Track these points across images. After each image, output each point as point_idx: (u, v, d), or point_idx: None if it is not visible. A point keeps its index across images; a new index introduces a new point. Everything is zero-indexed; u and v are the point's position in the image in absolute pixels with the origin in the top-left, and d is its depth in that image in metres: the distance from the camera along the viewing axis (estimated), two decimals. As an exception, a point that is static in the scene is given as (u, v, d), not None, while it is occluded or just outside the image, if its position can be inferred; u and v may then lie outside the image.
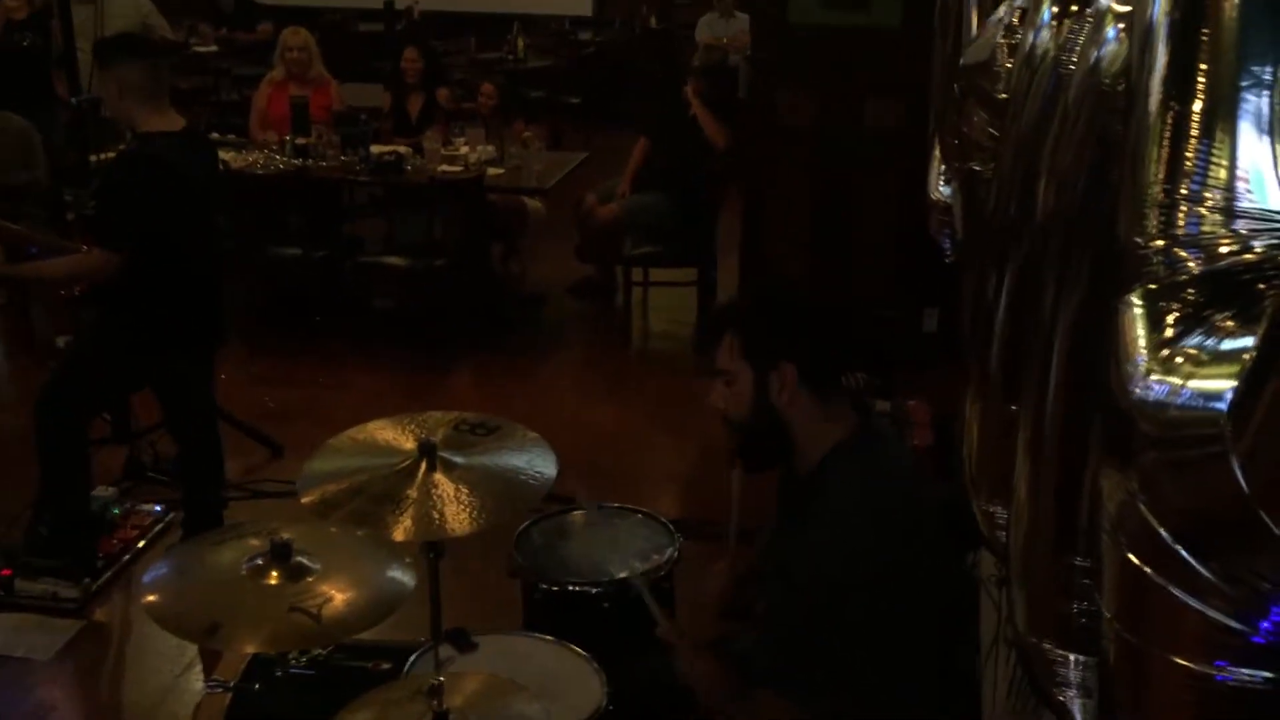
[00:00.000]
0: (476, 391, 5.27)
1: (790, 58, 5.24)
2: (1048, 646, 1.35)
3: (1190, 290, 0.95)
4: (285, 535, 2.15)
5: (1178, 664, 0.87)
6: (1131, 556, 0.86)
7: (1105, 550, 0.92)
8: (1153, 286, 0.99)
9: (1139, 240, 1.00)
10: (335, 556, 2.21)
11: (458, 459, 2.58)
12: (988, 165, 2.08)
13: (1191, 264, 0.96)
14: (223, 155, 5.45)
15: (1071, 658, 1.35)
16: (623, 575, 2.65)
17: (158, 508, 4.08)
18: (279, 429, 4.60)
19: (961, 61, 2.23)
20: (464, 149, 5.82)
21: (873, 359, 2.42)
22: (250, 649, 2.28)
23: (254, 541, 2.19)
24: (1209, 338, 0.87)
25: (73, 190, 4.47)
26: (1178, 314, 0.94)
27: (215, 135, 5.92)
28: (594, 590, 2.61)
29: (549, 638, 2.42)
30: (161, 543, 3.95)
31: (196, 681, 3.29)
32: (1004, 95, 1.92)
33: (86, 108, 3.93)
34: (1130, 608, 0.90)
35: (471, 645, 2.32)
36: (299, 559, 2.15)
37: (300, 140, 5.73)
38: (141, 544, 3.92)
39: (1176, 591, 0.84)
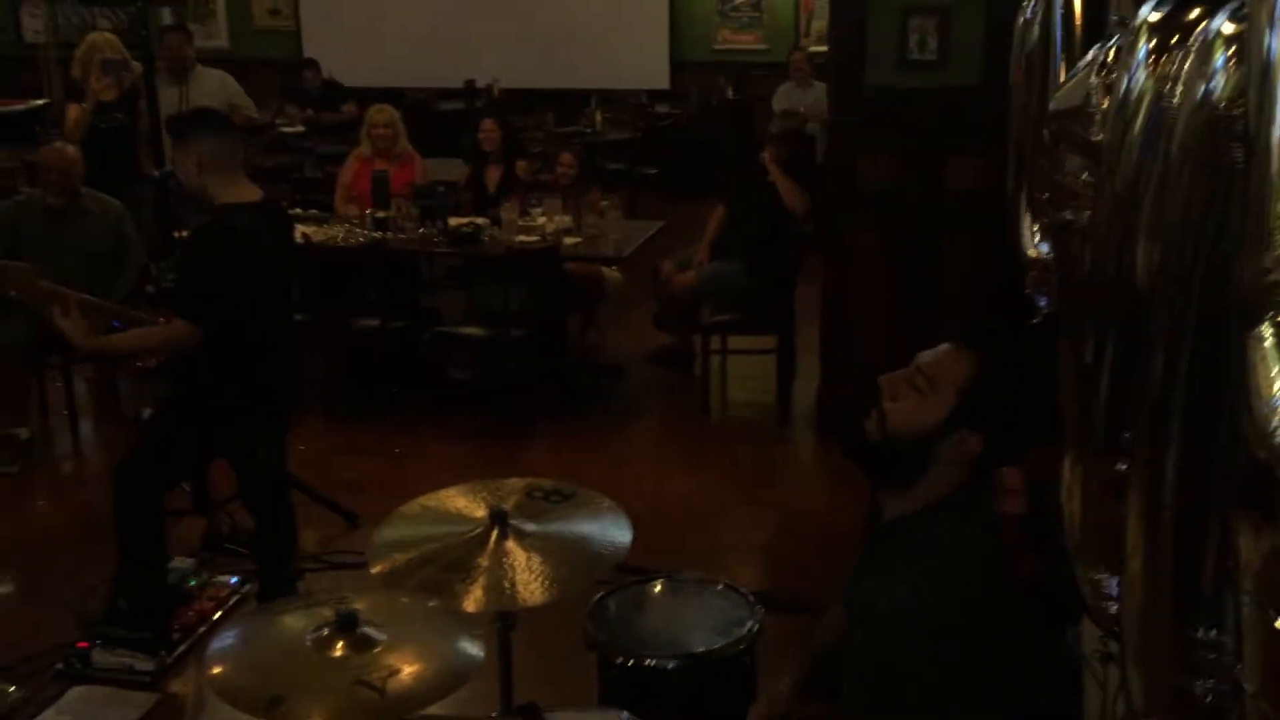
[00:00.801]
0: (553, 461, 5.20)
1: (869, 120, 5.18)
2: (1170, 729, 1.22)
3: (1330, 322, 0.85)
4: (353, 605, 2.09)
5: (1337, 749, 0.76)
6: (1280, 624, 0.75)
7: (1246, 618, 0.81)
8: (1285, 320, 0.89)
9: (1267, 267, 0.90)
10: (403, 627, 2.13)
11: (529, 526, 2.51)
12: (1081, 214, 1.98)
13: (1330, 292, 0.86)
14: (304, 229, 5.54)
15: (1197, 741, 1.21)
16: (701, 650, 2.54)
17: (234, 579, 4.06)
18: (356, 499, 4.57)
19: (1051, 107, 2.14)
20: (541, 219, 5.82)
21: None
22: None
23: (322, 611, 2.13)
24: (1361, 372, 0.76)
25: (156, 263, 4.53)
26: (1319, 348, 0.83)
27: (298, 210, 6.02)
28: (671, 665, 2.50)
29: (624, 713, 2.31)
30: (237, 614, 3.92)
31: (267, 758, 3.22)
32: (1100, 138, 1.83)
33: (171, 183, 3.99)
34: (1278, 681, 0.79)
35: (543, 722, 2.22)
36: (365, 630, 2.08)
37: (380, 214, 5.79)
38: (217, 615, 3.89)
39: (1336, 664, 0.72)
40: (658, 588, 2.80)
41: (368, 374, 5.88)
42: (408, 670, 2.01)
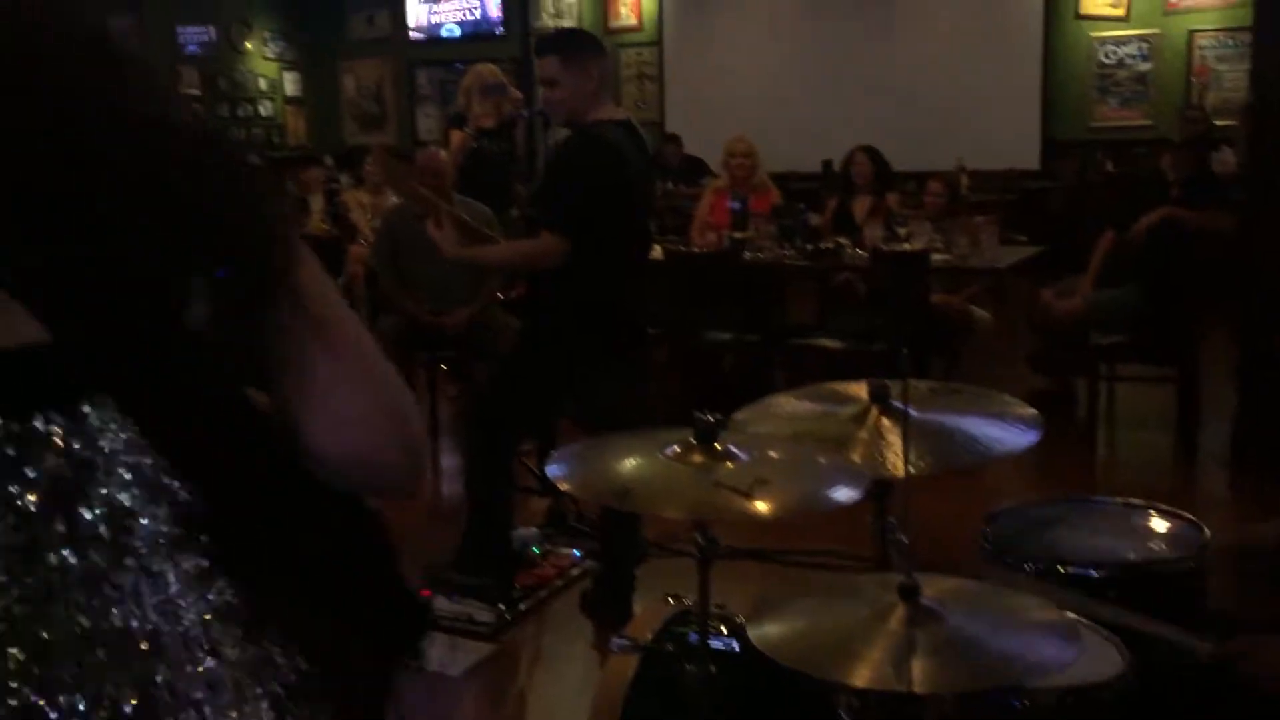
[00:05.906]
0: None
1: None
2: None
3: None
4: (711, 417, 1.78)
5: None
6: None
7: None
8: None
9: None
10: (770, 456, 1.80)
11: (912, 411, 2.15)
12: None
13: None
14: (660, 244, 5.46)
15: None
16: (1134, 559, 2.04)
17: (577, 553, 3.87)
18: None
19: None
20: (907, 245, 5.45)
21: None
22: (667, 513, 1.91)
23: (677, 433, 1.83)
24: None
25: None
26: None
27: (655, 234, 5.97)
28: (1095, 574, 2.01)
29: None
30: (577, 587, 3.70)
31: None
32: None
33: (537, 116, 3.95)
34: None
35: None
36: (728, 446, 1.76)
37: (737, 234, 5.64)
38: (559, 583, 3.70)
39: None
40: (1066, 507, 2.32)
41: (715, 389, 5.62)
42: (775, 483, 1.68)
